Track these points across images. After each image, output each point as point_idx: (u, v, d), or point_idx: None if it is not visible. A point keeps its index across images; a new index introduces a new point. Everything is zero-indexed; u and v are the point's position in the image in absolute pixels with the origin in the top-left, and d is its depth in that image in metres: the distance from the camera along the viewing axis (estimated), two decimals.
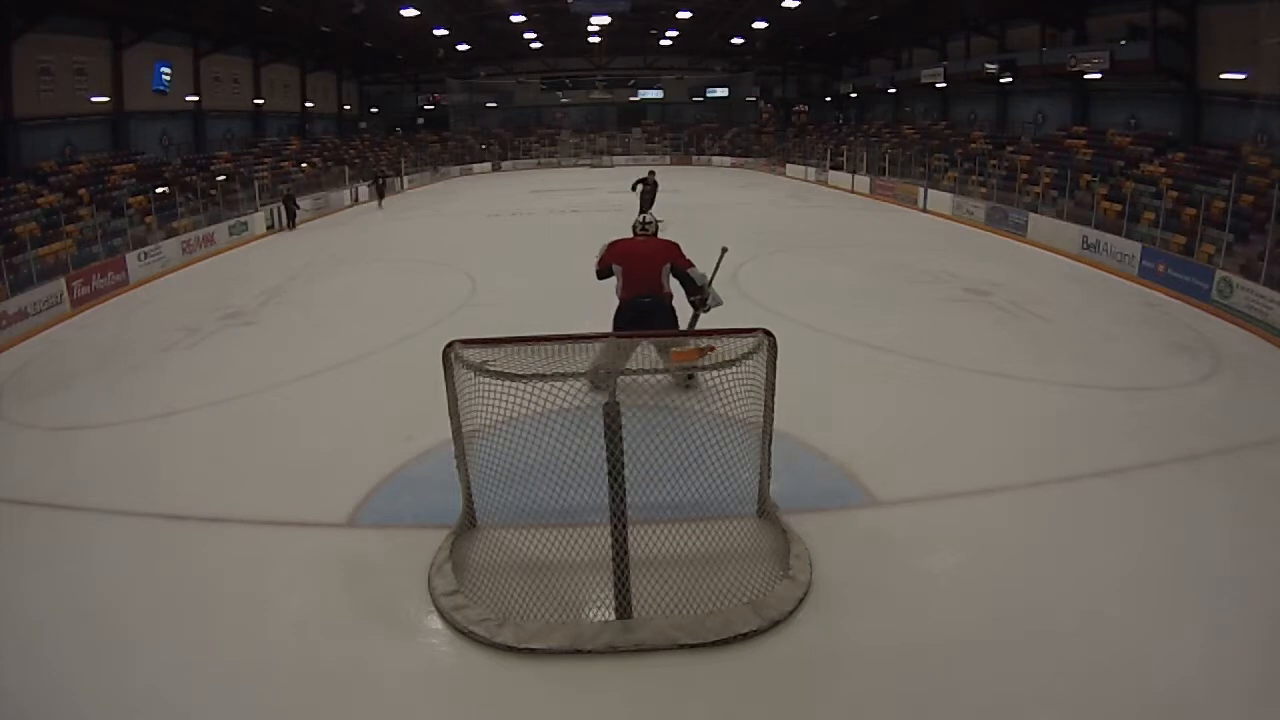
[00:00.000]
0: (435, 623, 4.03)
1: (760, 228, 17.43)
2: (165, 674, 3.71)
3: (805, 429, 5.87)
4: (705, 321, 6.54)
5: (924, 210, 20.48)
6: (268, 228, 19.44)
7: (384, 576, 4.44)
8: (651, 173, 17.43)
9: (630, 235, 6.80)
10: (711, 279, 6.65)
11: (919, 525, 4.88)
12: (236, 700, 3.54)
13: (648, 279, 6.30)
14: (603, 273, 6.62)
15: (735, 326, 4.34)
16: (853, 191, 25.05)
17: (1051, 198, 16.37)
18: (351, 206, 24.93)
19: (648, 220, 6.89)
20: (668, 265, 6.39)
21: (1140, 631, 3.84)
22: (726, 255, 7.19)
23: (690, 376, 5.87)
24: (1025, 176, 17.79)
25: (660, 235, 6.94)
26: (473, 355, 4.08)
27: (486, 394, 4.15)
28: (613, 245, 6.59)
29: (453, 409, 4.23)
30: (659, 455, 4.29)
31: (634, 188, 16.98)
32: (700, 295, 6.59)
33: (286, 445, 6.29)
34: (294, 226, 19.88)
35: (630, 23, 29.47)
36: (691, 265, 6.47)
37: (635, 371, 4.54)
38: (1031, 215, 15.98)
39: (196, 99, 22.82)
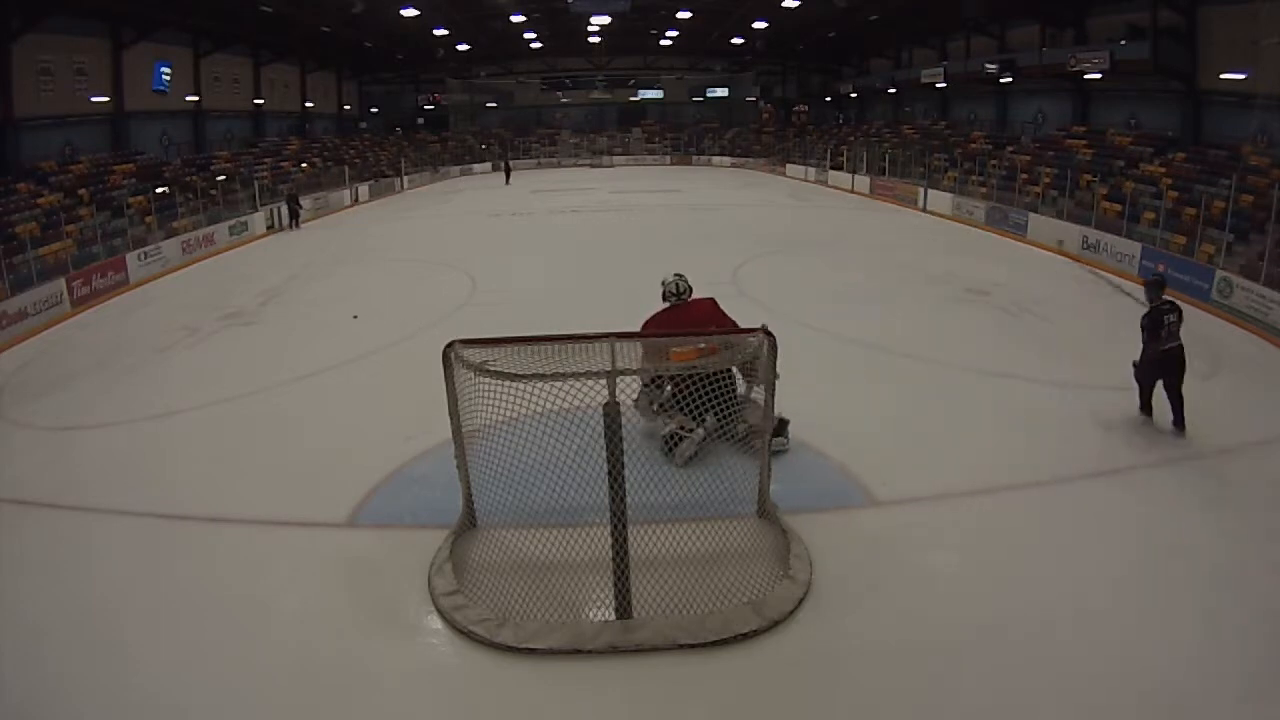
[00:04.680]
0: (435, 623, 4.03)
1: (760, 228, 17.44)
2: (165, 674, 3.71)
3: (805, 429, 5.87)
4: None
5: (924, 210, 20.47)
6: (268, 228, 19.44)
7: (384, 576, 4.44)
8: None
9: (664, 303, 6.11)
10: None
11: (919, 525, 4.88)
12: (236, 700, 3.54)
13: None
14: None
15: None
16: (853, 192, 25.04)
17: (1051, 198, 16.37)
18: (352, 206, 24.93)
19: (681, 287, 6.09)
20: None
21: (1139, 630, 3.85)
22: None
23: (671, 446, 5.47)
24: (1025, 176, 17.79)
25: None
26: (473, 355, 4.08)
27: (486, 394, 4.15)
28: (654, 320, 5.91)
29: (453, 409, 4.23)
30: (659, 456, 4.28)
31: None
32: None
33: (286, 445, 6.29)
34: (297, 226, 19.87)
35: (630, 23, 29.48)
36: (733, 322, 5.83)
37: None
38: (1031, 215, 15.98)
39: (196, 99, 22.83)
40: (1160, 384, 6.33)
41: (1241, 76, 14.37)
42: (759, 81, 38.27)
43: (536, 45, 34.59)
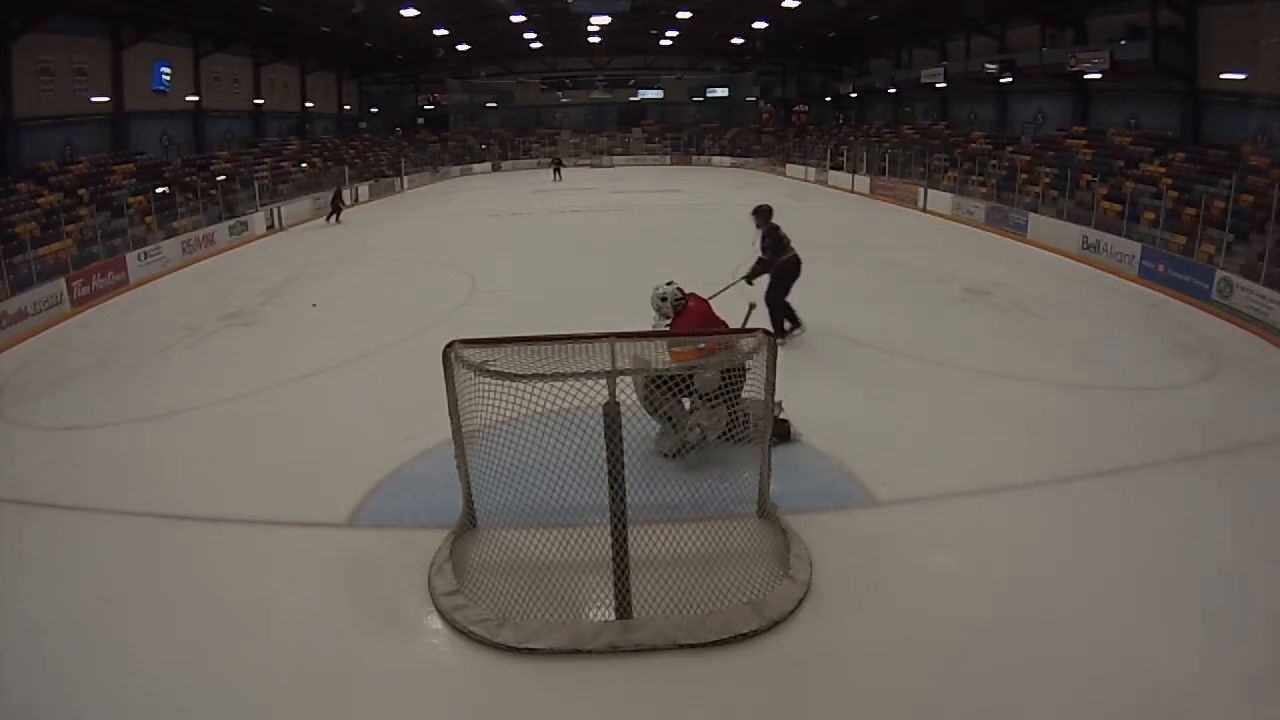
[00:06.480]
0: (435, 623, 4.03)
1: None
2: (165, 674, 3.70)
3: (805, 429, 5.87)
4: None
5: (924, 210, 20.47)
6: (268, 228, 19.45)
7: (384, 576, 4.43)
8: None
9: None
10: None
11: (919, 525, 4.88)
12: (236, 700, 3.54)
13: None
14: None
15: (735, 327, 4.34)
16: (853, 191, 25.04)
17: (1051, 198, 16.37)
18: (351, 206, 24.91)
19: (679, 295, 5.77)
20: None
21: (1139, 631, 3.84)
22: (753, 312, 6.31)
23: (675, 450, 5.39)
24: (1025, 176, 17.79)
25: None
26: (473, 355, 4.08)
27: (486, 394, 4.15)
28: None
29: (453, 409, 4.23)
30: (659, 455, 4.28)
31: None
32: None
33: (287, 445, 6.29)
34: (338, 220, 20.67)
35: (630, 23, 29.49)
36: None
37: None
38: (1031, 215, 15.98)
39: (196, 99, 22.83)
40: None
41: (1241, 76, 14.37)
42: (759, 81, 38.27)
43: (536, 45, 34.60)
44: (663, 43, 34.66)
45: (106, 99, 19.03)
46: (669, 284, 5.82)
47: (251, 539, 4.90)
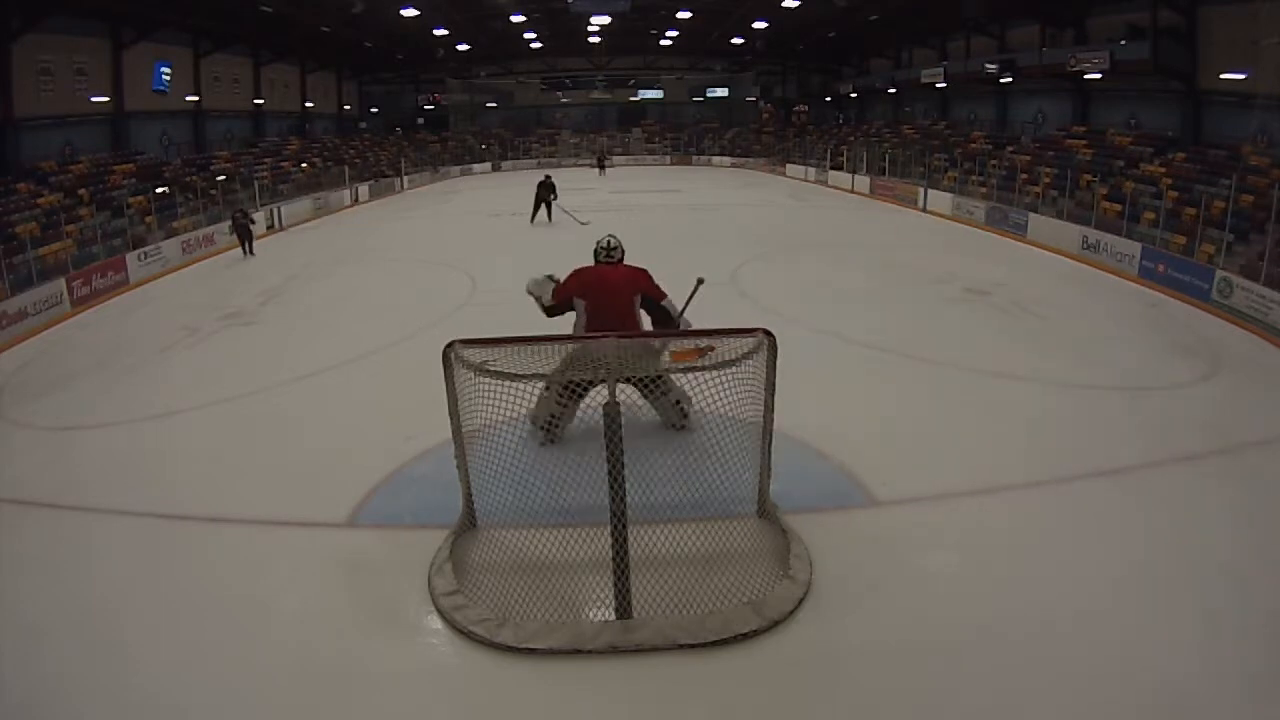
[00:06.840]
0: (435, 623, 4.03)
1: (760, 228, 17.45)
2: (165, 674, 3.70)
3: (805, 429, 5.87)
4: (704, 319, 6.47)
5: (924, 210, 20.48)
6: (268, 228, 19.44)
7: (384, 576, 4.43)
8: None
9: (593, 262, 5.88)
10: (682, 311, 5.85)
11: (919, 525, 4.88)
12: (236, 700, 3.54)
13: (618, 313, 5.43)
14: (559, 308, 5.65)
15: (735, 326, 4.34)
16: (853, 191, 25.04)
17: (1051, 198, 16.37)
18: (352, 206, 24.94)
19: (613, 245, 5.88)
20: (638, 296, 5.63)
21: (1140, 631, 3.84)
22: (702, 287, 6.01)
23: (684, 416, 5.62)
24: (1025, 176, 17.79)
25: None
26: (473, 355, 4.08)
27: (486, 394, 4.16)
28: (576, 274, 5.70)
29: (453, 409, 4.23)
30: (659, 455, 4.29)
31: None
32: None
33: (287, 445, 6.29)
34: (253, 250, 16.02)
35: (630, 23, 29.47)
36: (665, 296, 5.71)
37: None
38: (1031, 215, 15.98)
39: (196, 99, 22.83)
40: None
41: (1241, 76, 14.37)
42: (759, 81, 38.25)
43: (536, 45, 34.58)
44: (663, 43, 34.63)
45: (106, 99, 19.02)
46: (610, 235, 5.98)
47: (251, 539, 4.89)
